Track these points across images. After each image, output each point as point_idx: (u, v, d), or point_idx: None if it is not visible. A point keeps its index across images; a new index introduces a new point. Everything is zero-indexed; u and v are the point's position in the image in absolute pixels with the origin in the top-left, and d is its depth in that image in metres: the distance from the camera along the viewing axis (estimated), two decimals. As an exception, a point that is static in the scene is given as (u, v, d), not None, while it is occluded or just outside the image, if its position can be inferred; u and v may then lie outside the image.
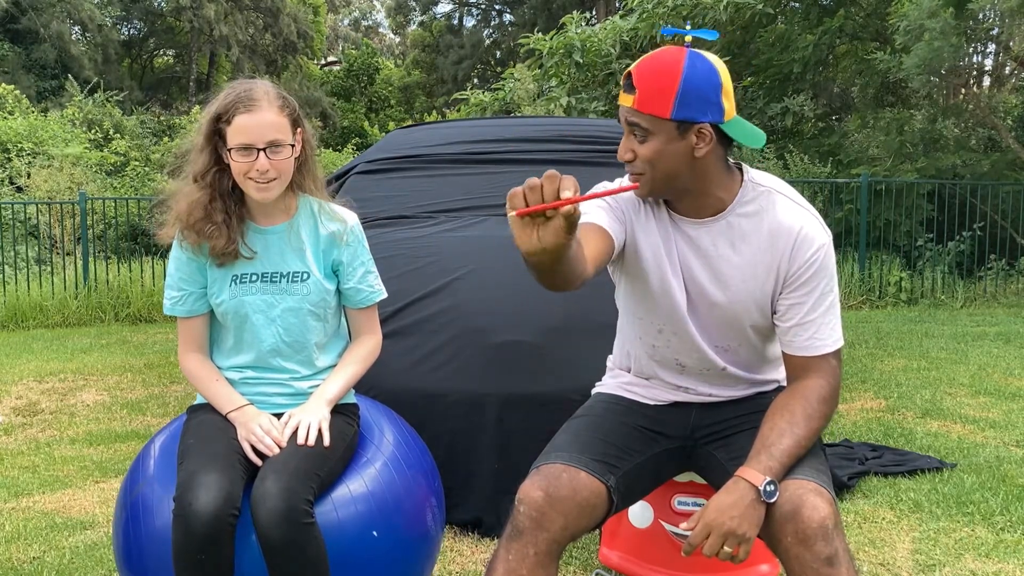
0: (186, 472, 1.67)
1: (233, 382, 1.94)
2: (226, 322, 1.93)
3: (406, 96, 28.88)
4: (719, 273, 1.69)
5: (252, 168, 1.80)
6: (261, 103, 1.81)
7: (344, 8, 39.67)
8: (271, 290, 1.91)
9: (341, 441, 1.87)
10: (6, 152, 12.79)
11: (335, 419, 1.90)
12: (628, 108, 1.58)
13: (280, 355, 1.93)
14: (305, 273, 1.92)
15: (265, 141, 1.80)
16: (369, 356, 2.05)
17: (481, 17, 30.94)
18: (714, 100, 1.56)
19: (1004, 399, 4.56)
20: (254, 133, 1.79)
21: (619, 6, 11.12)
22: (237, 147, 1.80)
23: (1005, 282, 9.04)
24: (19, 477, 3.53)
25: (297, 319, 1.92)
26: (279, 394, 1.95)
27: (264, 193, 1.84)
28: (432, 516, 2.00)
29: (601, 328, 2.41)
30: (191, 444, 1.79)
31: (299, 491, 1.66)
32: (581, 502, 1.57)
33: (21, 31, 19.98)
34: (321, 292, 1.94)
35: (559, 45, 10.08)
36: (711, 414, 1.81)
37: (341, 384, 1.95)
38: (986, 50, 11.43)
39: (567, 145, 3.53)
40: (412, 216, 3.36)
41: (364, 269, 2.00)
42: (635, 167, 1.62)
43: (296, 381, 1.95)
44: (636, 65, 1.59)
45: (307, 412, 1.86)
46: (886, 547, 2.66)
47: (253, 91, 1.83)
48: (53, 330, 7.90)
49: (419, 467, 2.02)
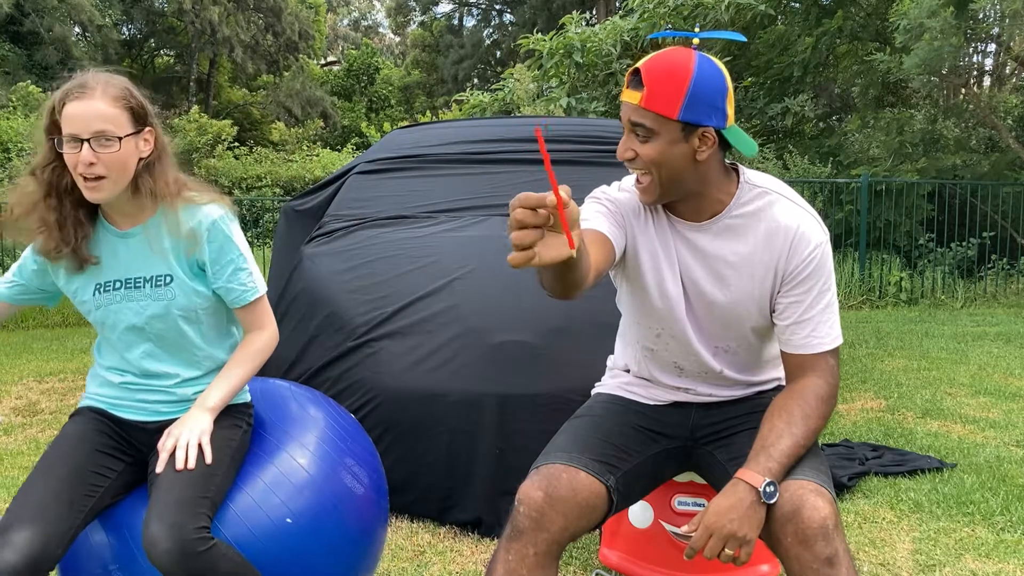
0: (7, 517, 1.56)
1: (113, 385, 1.86)
2: (98, 330, 1.85)
3: (406, 96, 28.88)
4: (718, 274, 1.69)
5: (78, 162, 1.66)
6: (93, 91, 1.67)
7: (344, 8, 39.67)
8: (135, 296, 1.79)
9: (226, 449, 1.77)
10: (6, 152, 12.80)
11: (218, 425, 1.80)
12: (633, 106, 1.57)
13: (157, 360, 1.83)
14: (168, 276, 1.80)
15: (91, 131, 1.65)
16: (259, 353, 1.90)
17: (481, 17, 30.93)
18: (720, 105, 1.57)
19: (1004, 399, 4.56)
20: (80, 123, 1.64)
21: (619, 6, 11.12)
22: (65, 137, 1.66)
23: (1005, 282, 9.04)
24: (19, 477, 3.53)
25: (166, 324, 1.81)
26: (161, 401, 1.85)
27: (93, 193, 1.69)
28: (354, 477, 1.93)
29: (601, 328, 2.42)
30: (32, 472, 1.68)
31: (187, 523, 1.57)
32: (581, 502, 1.57)
33: (23, 33, 19.99)
34: (187, 294, 1.81)
35: (559, 45, 10.07)
36: (711, 414, 1.81)
37: (224, 390, 1.82)
38: (986, 50, 11.44)
39: (567, 145, 3.53)
40: (412, 216, 3.36)
41: (234, 267, 1.84)
42: (636, 166, 1.62)
43: (180, 387, 1.85)
44: (645, 62, 1.57)
45: (186, 426, 1.75)
46: (886, 547, 2.66)
47: (87, 79, 1.69)
48: (53, 330, 7.91)
49: (325, 435, 1.95)
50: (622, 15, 10.61)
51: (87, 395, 1.91)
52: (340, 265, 3.14)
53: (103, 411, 1.87)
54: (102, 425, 1.83)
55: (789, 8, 11.33)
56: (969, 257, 9.09)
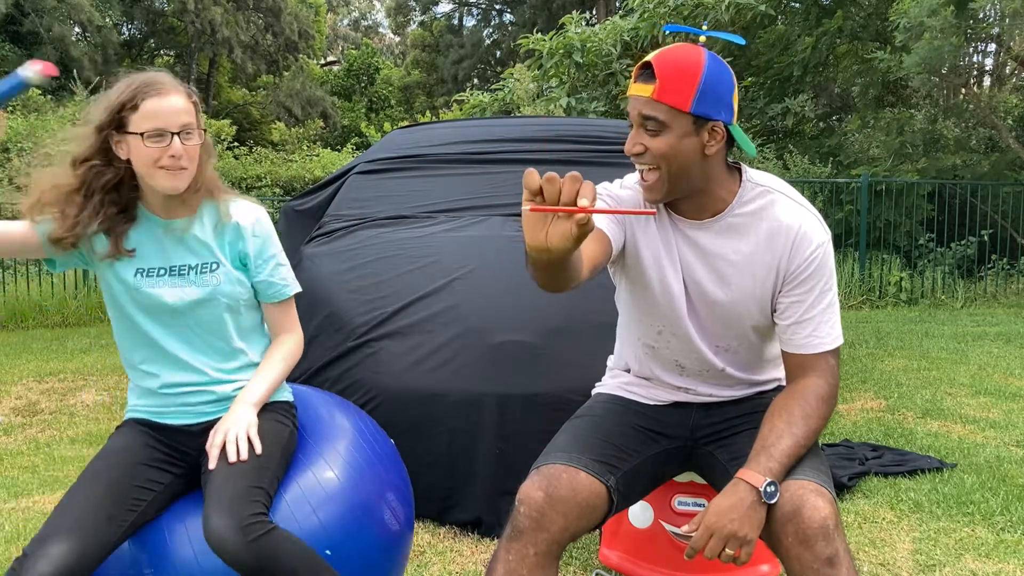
0: (41, 531, 1.57)
1: (153, 393, 1.85)
2: (134, 319, 1.82)
3: (406, 96, 28.87)
4: (720, 273, 1.69)
5: (164, 155, 1.70)
6: (168, 88, 1.73)
7: (344, 8, 39.67)
8: (179, 283, 1.81)
9: (276, 444, 1.79)
10: (6, 152, 12.80)
11: (264, 420, 1.82)
12: (645, 99, 1.57)
13: (197, 351, 1.84)
14: (215, 263, 1.83)
15: (179, 125, 1.72)
16: (291, 356, 1.95)
17: (481, 17, 30.94)
18: (728, 100, 1.58)
19: (1004, 399, 4.56)
20: (167, 117, 1.70)
21: (619, 6, 11.12)
22: (150, 132, 1.69)
23: (1005, 282, 9.04)
24: (19, 477, 3.53)
25: (208, 311, 1.83)
26: (204, 402, 1.86)
27: (175, 181, 1.74)
28: (391, 512, 1.93)
29: (601, 328, 2.41)
30: (75, 485, 1.68)
31: (244, 512, 1.59)
32: (581, 502, 1.57)
33: (22, 33, 19.99)
34: (232, 283, 1.84)
35: (559, 45, 10.07)
36: (711, 414, 1.81)
37: (264, 385, 1.86)
38: (986, 50, 11.44)
39: (567, 145, 3.52)
40: (412, 216, 3.36)
41: (275, 262, 1.91)
42: (644, 161, 1.62)
43: (218, 385, 1.86)
44: (656, 56, 1.57)
45: (232, 421, 1.77)
46: (886, 547, 2.66)
47: (158, 76, 1.75)
48: (53, 330, 7.90)
49: (372, 466, 1.94)
50: (622, 15, 10.61)
51: (130, 408, 1.91)
52: (340, 265, 3.14)
53: (148, 421, 1.86)
54: (148, 438, 1.82)
55: (789, 8, 11.33)
56: (969, 257, 9.09)
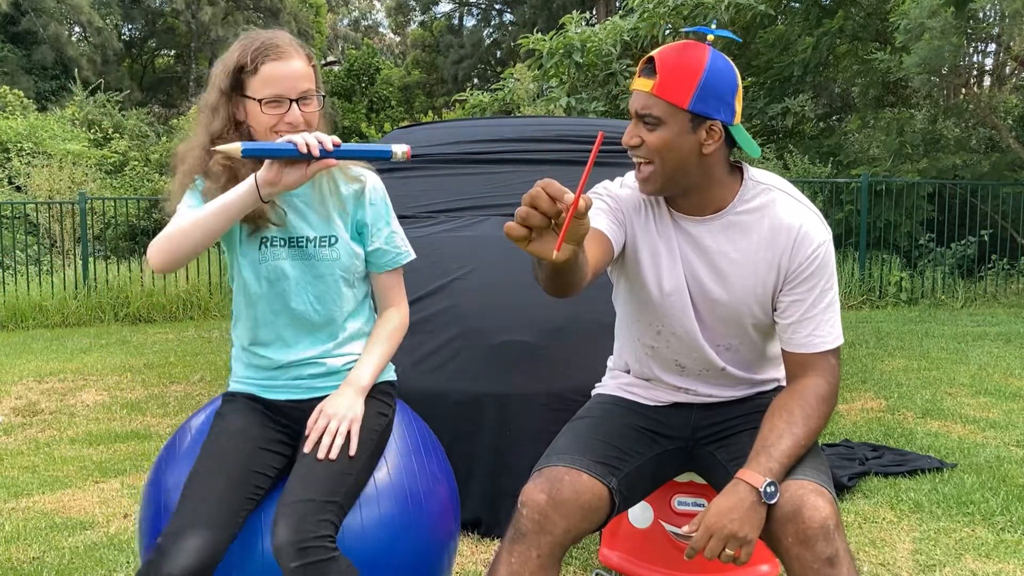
0: (173, 524, 1.54)
1: (261, 368, 1.81)
2: (252, 290, 1.78)
3: (406, 96, 28.86)
4: (720, 271, 1.69)
5: (281, 121, 1.66)
6: (289, 51, 1.67)
7: (344, 8, 39.66)
8: (299, 255, 1.77)
9: (367, 444, 1.73)
10: (6, 152, 12.80)
11: (367, 409, 1.77)
12: (645, 93, 1.57)
13: (311, 324, 1.79)
14: (333, 237, 1.79)
15: (298, 92, 1.66)
16: (397, 332, 1.92)
17: (481, 17, 30.94)
18: (729, 100, 1.58)
19: (1004, 399, 4.56)
20: (286, 83, 1.65)
21: (619, 6, 11.12)
22: (268, 98, 1.65)
23: (1005, 282, 9.04)
24: (19, 477, 3.53)
25: (327, 286, 1.79)
26: (314, 375, 1.82)
27: None
28: (448, 556, 1.91)
29: (601, 328, 2.41)
30: (199, 469, 1.63)
31: (311, 530, 1.54)
32: (584, 504, 1.57)
33: (21, 33, 19.99)
34: (350, 256, 1.81)
35: (559, 45, 10.07)
36: (711, 415, 1.80)
37: (373, 368, 1.82)
38: (986, 50, 11.44)
39: (567, 145, 3.52)
40: (412, 216, 3.35)
41: (389, 229, 1.87)
42: (640, 154, 1.62)
43: (329, 358, 1.82)
44: (659, 52, 1.58)
45: (339, 408, 1.72)
46: (886, 547, 2.66)
47: (277, 38, 1.68)
48: (53, 330, 7.90)
49: (445, 510, 1.90)
50: (622, 15, 10.61)
51: (236, 379, 1.86)
52: (340, 265, 3.14)
53: (255, 396, 1.82)
54: (261, 416, 1.77)
55: (789, 8, 11.33)
56: (969, 257, 9.09)
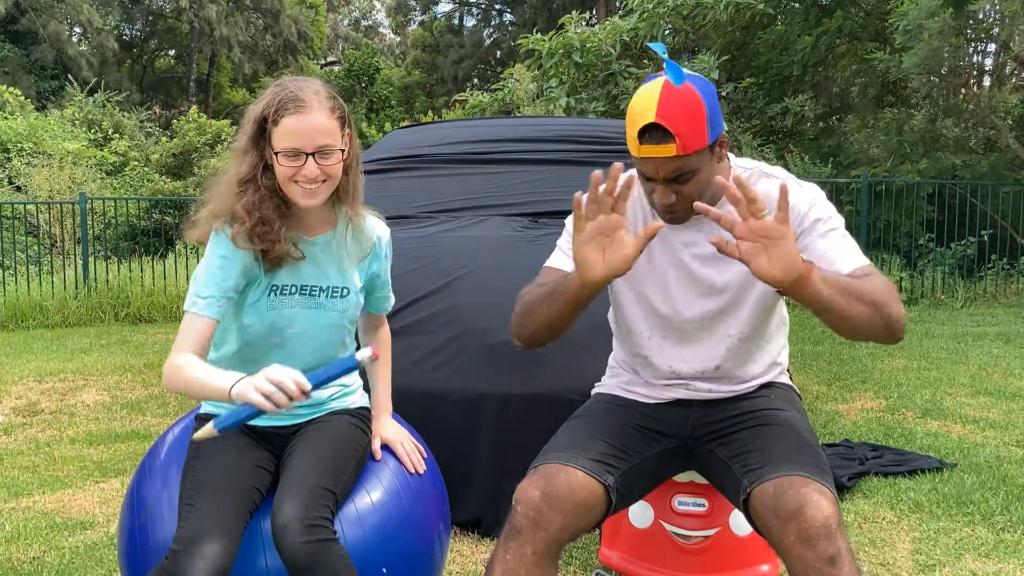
0: (190, 527, 1.56)
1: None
2: (258, 336, 1.79)
3: (406, 96, 28.86)
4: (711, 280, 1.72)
5: (299, 173, 1.69)
6: (311, 104, 1.68)
7: (344, 8, 39.66)
8: (310, 304, 1.80)
9: (354, 452, 1.82)
10: (6, 152, 12.80)
11: (347, 427, 1.84)
12: (670, 158, 1.55)
13: (305, 363, 1.79)
14: (345, 289, 1.84)
15: (315, 146, 1.68)
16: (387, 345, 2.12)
17: (481, 17, 30.95)
18: (718, 108, 1.62)
19: (1004, 399, 4.56)
20: (303, 137, 1.67)
21: (619, 6, 11.11)
22: (285, 151, 1.68)
23: (1005, 282, 9.04)
24: (19, 477, 3.53)
25: (333, 335, 1.84)
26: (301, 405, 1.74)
27: (310, 199, 1.71)
28: (439, 542, 1.95)
29: (601, 328, 2.41)
30: (202, 483, 1.65)
31: (314, 511, 1.61)
32: (579, 502, 1.57)
33: (21, 32, 19.99)
34: (355, 307, 1.88)
35: (558, 45, 10.07)
36: (712, 412, 1.81)
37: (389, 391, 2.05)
38: (986, 50, 11.44)
39: (567, 145, 3.52)
40: (412, 216, 3.35)
41: (389, 278, 2.01)
42: (676, 207, 1.63)
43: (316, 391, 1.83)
44: (660, 113, 1.53)
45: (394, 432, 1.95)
46: (886, 547, 2.66)
47: (302, 91, 1.70)
48: (53, 330, 7.90)
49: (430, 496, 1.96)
50: (621, 15, 10.62)
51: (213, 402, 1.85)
52: (340, 265, 3.14)
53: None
54: (250, 439, 1.80)
55: (789, 8, 11.33)
56: (969, 257, 9.09)
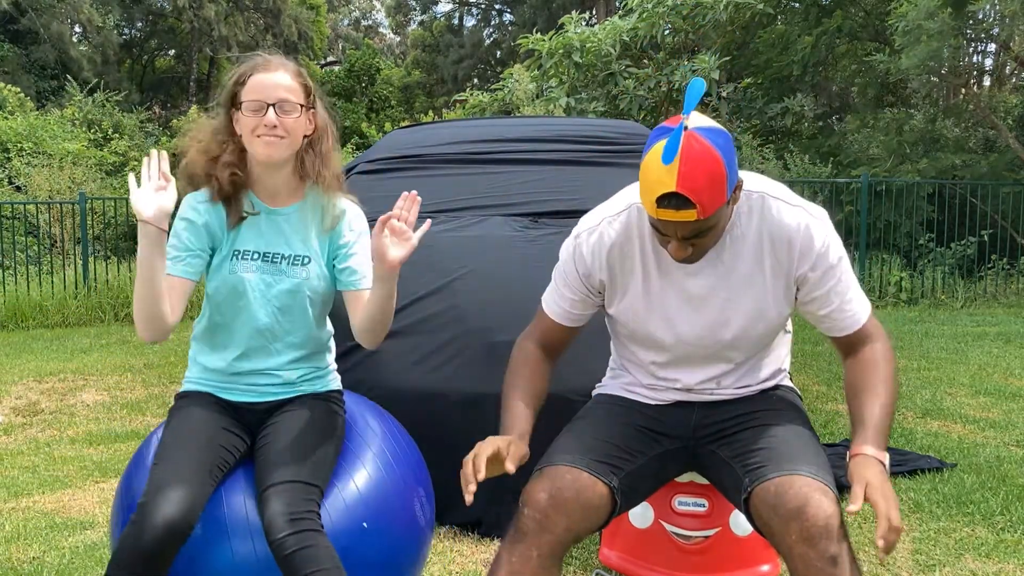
0: (154, 480, 1.67)
1: (219, 371, 1.93)
2: (224, 301, 1.90)
3: (406, 96, 28.84)
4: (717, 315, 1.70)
5: (260, 124, 1.81)
6: (276, 65, 1.87)
7: (344, 8, 39.66)
8: (270, 270, 1.90)
9: (333, 439, 1.90)
10: (6, 152, 12.79)
11: (323, 411, 1.93)
12: (692, 222, 1.51)
13: (274, 337, 1.92)
14: (307, 257, 1.93)
15: (276, 98, 1.82)
16: None
17: (481, 17, 30.93)
18: (735, 159, 1.54)
19: (1004, 399, 4.56)
20: (267, 91, 1.82)
21: (619, 6, 11.10)
22: (248, 103, 1.82)
23: (1005, 282, 9.04)
24: (19, 477, 3.53)
25: (293, 302, 1.91)
26: (272, 384, 1.95)
27: (269, 149, 1.83)
28: (420, 507, 2.01)
29: (601, 328, 2.41)
30: (167, 443, 1.78)
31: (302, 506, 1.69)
32: (584, 504, 1.57)
33: (21, 31, 19.97)
34: (319, 278, 1.93)
35: (558, 45, 10.07)
36: (713, 413, 1.81)
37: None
38: (986, 50, 11.45)
39: (567, 145, 3.52)
40: (412, 216, 3.35)
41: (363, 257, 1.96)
42: (693, 258, 1.62)
43: (287, 371, 1.94)
44: (681, 184, 1.46)
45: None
46: (886, 547, 2.66)
47: (271, 59, 1.89)
48: (53, 330, 7.90)
49: (406, 461, 2.04)
50: (621, 15, 10.61)
51: (191, 380, 1.97)
52: (340, 265, 3.14)
53: (211, 395, 1.93)
54: (218, 408, 1.90)
55: (788, 7, 11.33)
56: (969, 257, 9.09)
